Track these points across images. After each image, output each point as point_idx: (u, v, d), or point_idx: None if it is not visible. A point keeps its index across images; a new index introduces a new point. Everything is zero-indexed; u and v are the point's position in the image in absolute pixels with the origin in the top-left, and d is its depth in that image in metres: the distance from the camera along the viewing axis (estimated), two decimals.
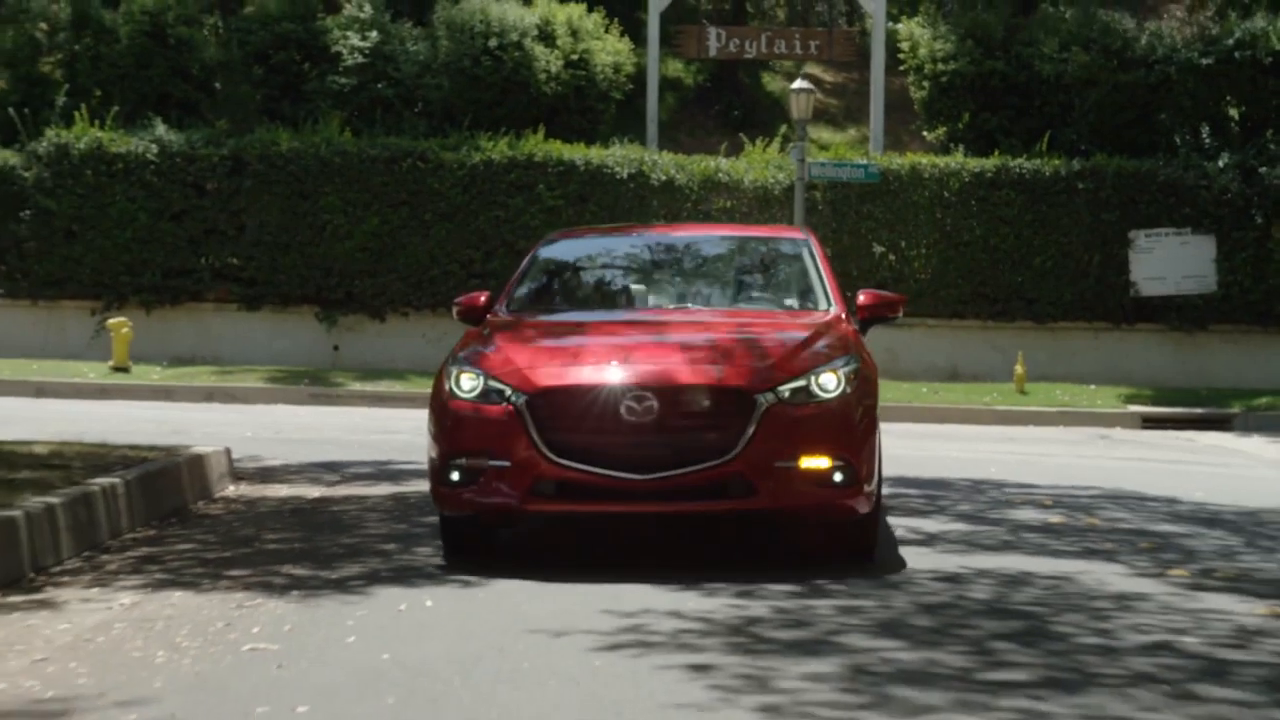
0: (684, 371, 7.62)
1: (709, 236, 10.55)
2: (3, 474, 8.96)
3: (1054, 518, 9.71)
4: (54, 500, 8.03)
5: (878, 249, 23.62)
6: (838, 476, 7.49)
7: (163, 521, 9.26)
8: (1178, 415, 20.76)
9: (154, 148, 23.45)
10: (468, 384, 7.80)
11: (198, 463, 10.54)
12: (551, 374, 7.68)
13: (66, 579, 7.38)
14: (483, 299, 9.04)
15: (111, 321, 21.86)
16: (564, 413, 7.55)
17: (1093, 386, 22.48)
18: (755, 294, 9.43)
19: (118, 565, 7.76)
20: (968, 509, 10.11)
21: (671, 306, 9.01)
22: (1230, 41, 24.31)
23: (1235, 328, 23.67)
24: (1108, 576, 7.47)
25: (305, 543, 8.45)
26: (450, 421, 7.79)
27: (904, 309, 9.20)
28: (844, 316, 8.71)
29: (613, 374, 7.58)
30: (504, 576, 7.37)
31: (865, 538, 7.89)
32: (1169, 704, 5.04)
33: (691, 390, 7.54)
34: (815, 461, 7.47)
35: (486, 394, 7.72)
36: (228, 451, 11.35)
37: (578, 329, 8.58)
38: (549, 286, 9.57)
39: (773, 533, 8.56)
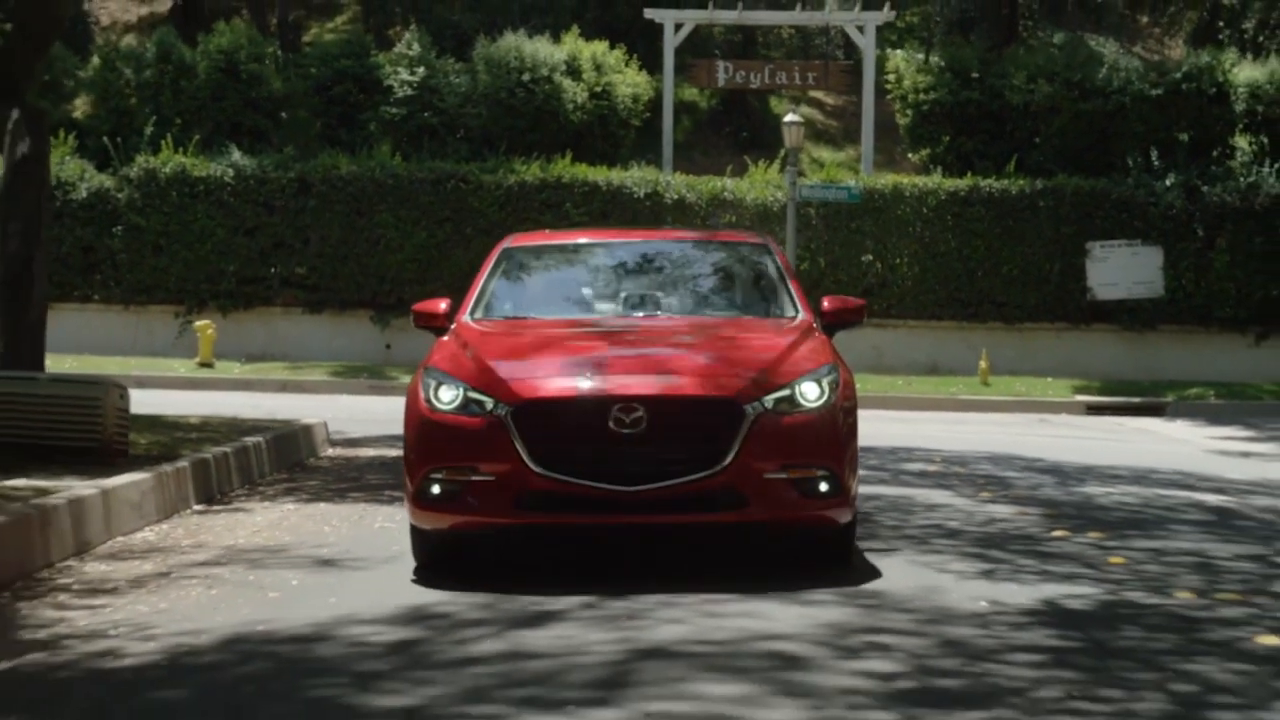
0: (671, 382, 7.77)
1: (672, 242, 10.84)
2: (181, 435, 13.11)
3: (932, 468, 13.71)
4: (226, 449, 12.15)
5: (865, 258, 27.62)
6: (823, 486, 7.74)
7: (290, 470, 13.36)
8: (1118, 404, 24.65)
9: (230, 171, 27.66)
10: (447, 395, 7.91)
11: (308, 431, 14.69)
12: (536, 385, 7.80)
13: (242, 498, 11.48)
14: (443, 305, 9.21)
15: (198, 324, 26.06)
16: (550, 424, 7.67)
17: (1050, 379, 26.45)
18: (725, 300, 9.71)
19: (273, 491, 11.87)
20: (874, 462, 14.05)
21: (643, 314, 9.19)
22: (1179, 75, 28.23)
23: (1180, 328, 27.59)
24: (935, 497, 11.47)
25: (396, 480, 12.45)
26: (430, 434, 7.93)
27: (865, 314, 9.51)
28: (814, 323, 8.98)
29: (599, 384, 7.72)
30: None
31: (843, 545, 8.25)
32: (909, 545, 9.06)
33: (680, 401, 7.68)
34: (802, 471, 7.69)
35: (467, 405, 7.83)
36: (325, 424, 15.48)
37: (554, 337, 8.65)
38: (515, 293, 9.66)
39: (744, 536, 8.88)
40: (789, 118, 26.20)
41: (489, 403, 7.76)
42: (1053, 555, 8.77)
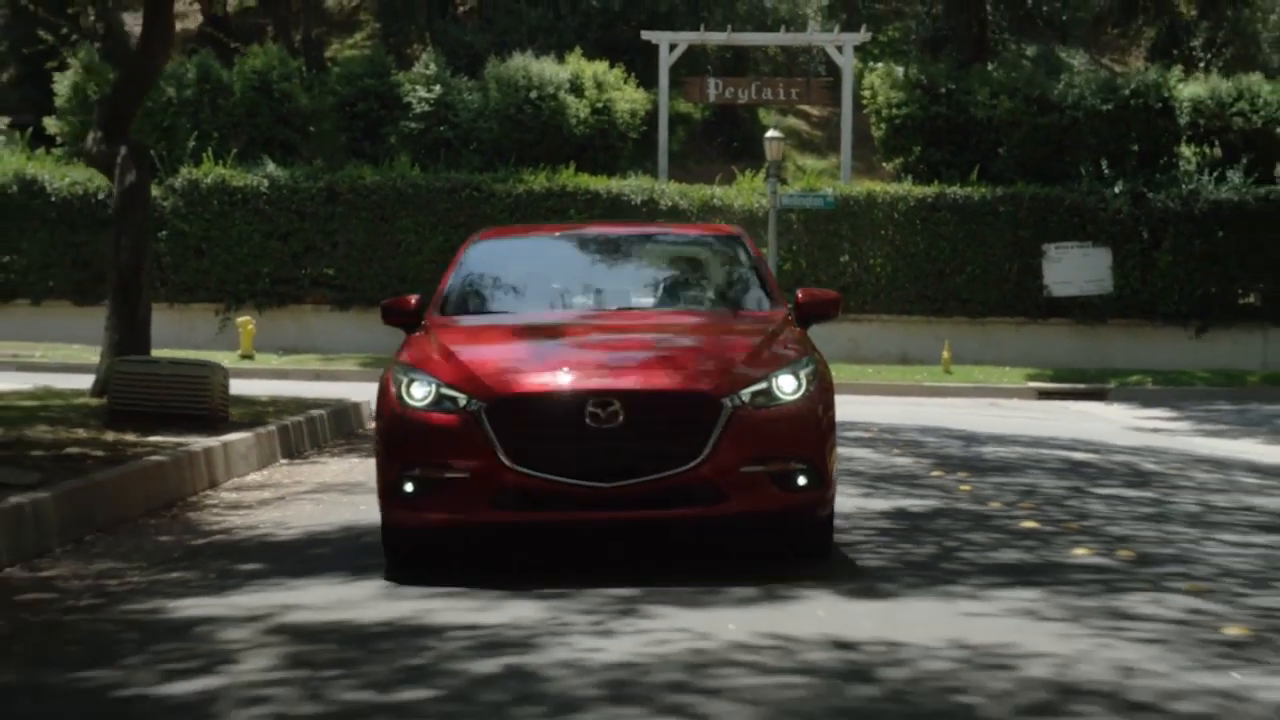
0: (648, 376, 7.91)
1: (644, 234, 10.93)
2: (260, 408, 16.71)
3: (867, 435, 17.27)
4: (299, 418, 15.77)
5: (843, 259, 31.23)
6: (802, 479, 7.88)
7: (346, 436, 16.97)
8: (1065, 389, 28.23)
9: (265, 181, 31.30)
10: (419, 392, 7.95)
11: (356, 407, 18.35)
12: (510, 380, 7.89)
13: (315, 455, 15.09)
14: (414, 301, 9.29)
15: (239, 320, 29.71)
16: (525, 420, 7.75)
17: (1008, 368, 30.04)
18: (698, 293, 9.87)
19: (338, 450, 15.48)
20: None
21: (616, 308, 9.34)
22: (1128, 91, 31.84)
23: (1128, 321, 31.21)
24: (856, 453, 14.99)
25: None
26: (402, 432, 8.00)
27: (841, 307, 9.60)
28: (789, 316, 9.14)
29: (575, 379, 7.83)
30: None
31: (822, 539, 8.39)
32: None
33: (656, 395, 7.80)
34: (780, 465, 7.82)
35: (440, 402, 7.88)
36: (370, 403, 19.09)
37: (527, 332, 8.84)
38: (486, 288, 9.74)
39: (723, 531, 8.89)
40: (770, 134, 29.85)
41: (462, 399, 7.85)
42: (922, 485, 12.35)
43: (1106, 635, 6.54)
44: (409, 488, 7.92)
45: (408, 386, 8.02)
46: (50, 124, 32.41)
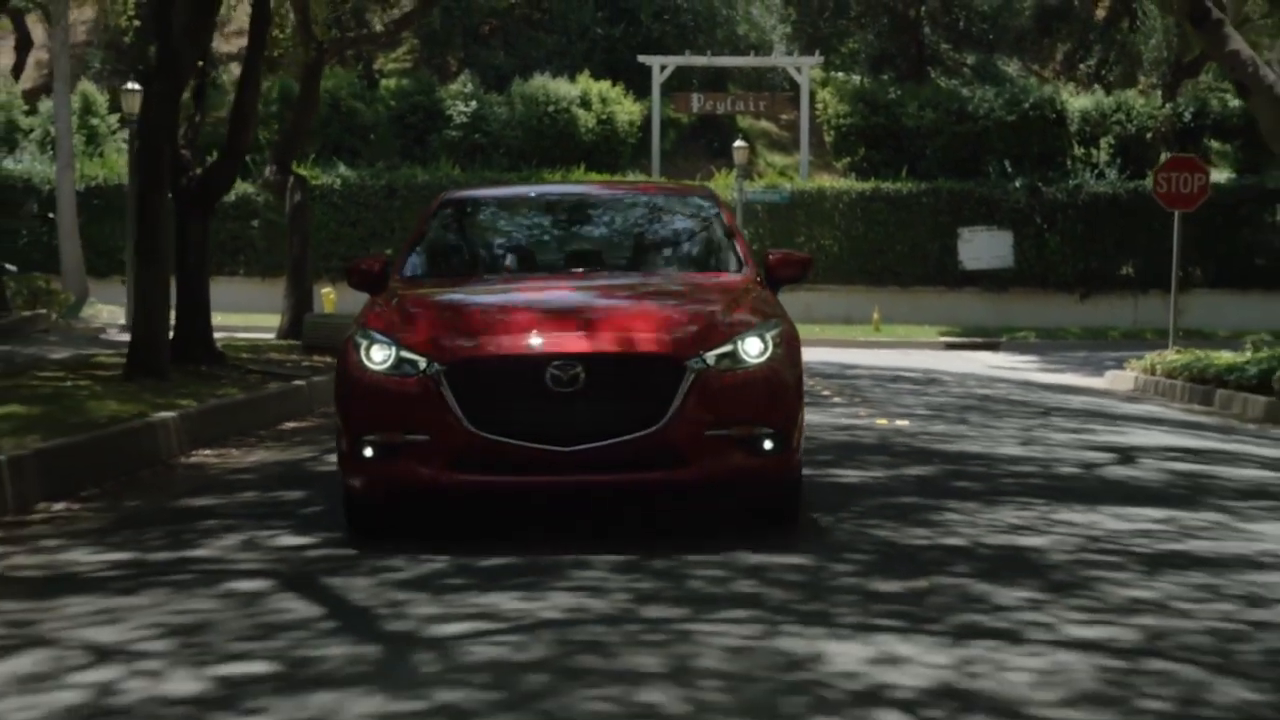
0: (609, 339, 8.09)
1: (614, 195, 11.23)
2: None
3: None
4: None
5: (799, 240, 41.81)
6: (767, 444, 8.06)
7: None
8: (966, 342, 38.74)
9: (338, 180, 41.91)
10: (379, 355, 8.15)
11: None
12: (471, 343, 8.08)
13: None
14: (379, 265, 9.37)
15: (324, 291, 40.34)
16: (485, 383, 7.95)
17: (928, 326, 40.64)
18: (667, 255, 10.16)
19: None
20: None
21: (583, 269, 9.60)
22: (1028, 104, 42.41)
23: (1026, 289, 41.82)
24: None
25: None
26: (362, 395, 8.19)
27: (811, 268, 9.86)
28: (758, 278, 9.46)
29: (535, 342, 8.02)
30: None
31: (789, 506, 8.62)
32: None
33: (617, 358, 8.02)
34: (745, 429, 8.00)
35: (399, 365, 8.08)
36: None
37: (490, 294, 9.12)
38: (452, 250, 10.11)
39: (685, 498, 9.17)
40: (737, 144, 40.49)
41: (422, 362, 8.03)
42: None
43: (813, 414, 17.07)
44: (369, 452, 8.15)
45: (367, 350, 8.23)
46: None
